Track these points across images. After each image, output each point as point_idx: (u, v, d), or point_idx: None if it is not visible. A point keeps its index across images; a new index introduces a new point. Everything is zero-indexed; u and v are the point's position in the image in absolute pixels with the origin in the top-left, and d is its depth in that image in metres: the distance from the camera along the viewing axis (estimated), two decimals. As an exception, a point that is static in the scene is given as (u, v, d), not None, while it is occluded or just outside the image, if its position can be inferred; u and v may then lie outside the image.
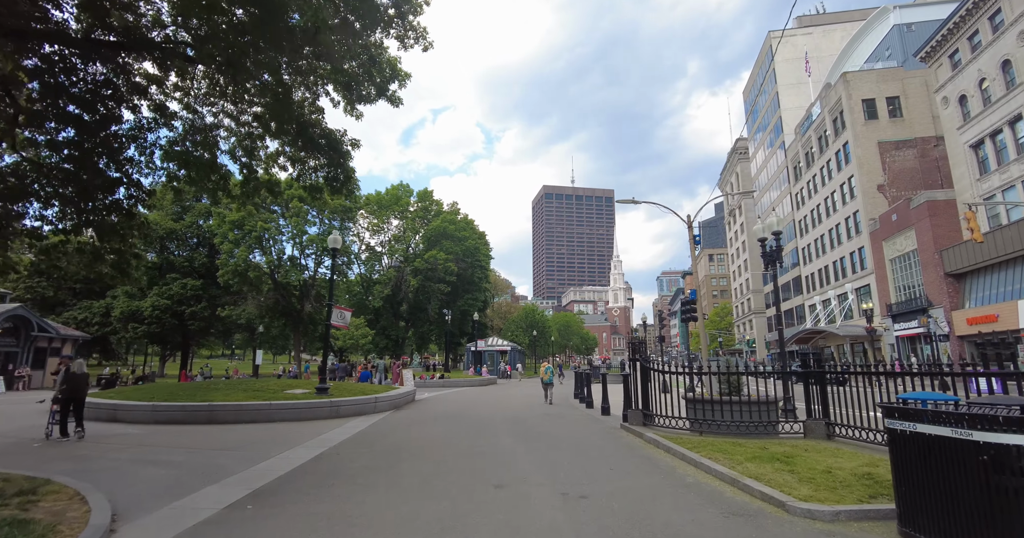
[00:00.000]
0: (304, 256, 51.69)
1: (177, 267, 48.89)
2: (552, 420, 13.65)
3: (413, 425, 12.43)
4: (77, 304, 49.72)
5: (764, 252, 14.35)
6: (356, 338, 41.01)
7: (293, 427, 12.17)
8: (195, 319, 46.41)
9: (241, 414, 12.89)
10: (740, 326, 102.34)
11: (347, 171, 11.64)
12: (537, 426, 12.26)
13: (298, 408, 13.42)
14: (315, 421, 13.32)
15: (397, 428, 11.86)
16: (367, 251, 56.66)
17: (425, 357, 77.80)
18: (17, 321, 35.21)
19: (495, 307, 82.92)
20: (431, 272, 51.89)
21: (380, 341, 52.82)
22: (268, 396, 14.39)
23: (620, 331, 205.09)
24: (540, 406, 17.89)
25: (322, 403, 13.83)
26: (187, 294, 46.44)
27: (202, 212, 49.63)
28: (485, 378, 37.12)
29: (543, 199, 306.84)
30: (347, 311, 16.76)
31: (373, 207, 55.48)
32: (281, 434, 10.92)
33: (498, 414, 14.90)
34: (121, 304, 46.17)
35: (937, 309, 36.11)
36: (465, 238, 55.71)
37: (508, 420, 13.40)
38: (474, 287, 57.14)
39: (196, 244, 51.88)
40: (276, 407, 13.16)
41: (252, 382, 17.02)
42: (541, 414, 15.21)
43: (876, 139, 46.60)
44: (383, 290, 51.93)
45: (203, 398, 13.75)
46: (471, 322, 53.47)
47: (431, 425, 12.60)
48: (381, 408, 15.55)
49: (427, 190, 56.99)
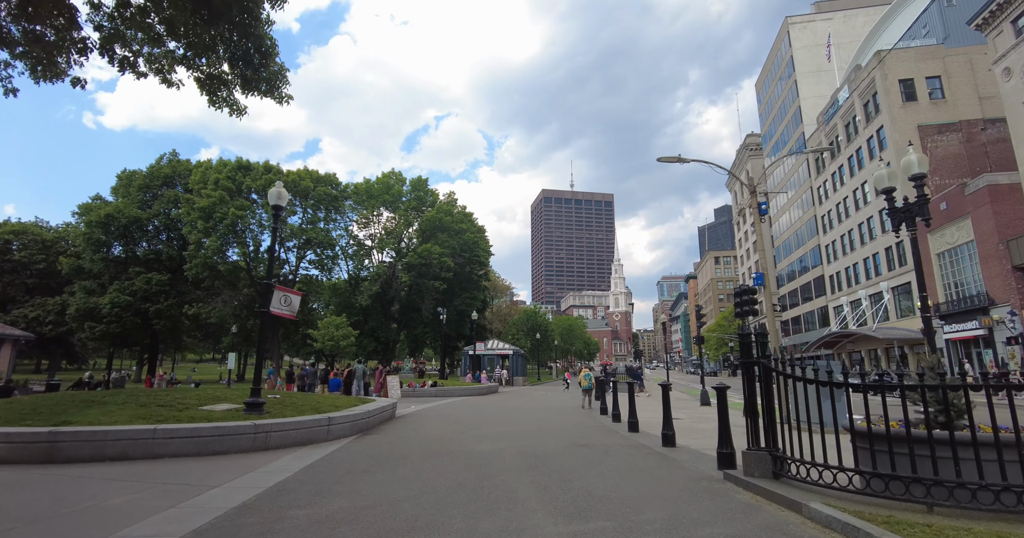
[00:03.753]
0: (284, 249, 46.98)
1: (142, 260, 44.05)
2: (593, 457, 8.95)
3: (371, 470, 7.69)
4: (29, 301, 44.80)
5: (895, 208, 9.63)
6: (337, 339, 36.19)
7: (173, 470, 7.48)
8: (160, 318, 41.51)
9: (105, 447, 8.18)
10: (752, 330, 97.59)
11: (263, 44, 6.93)
12: (575, 474, 7.54)
13: (201, 437, 8.70)
14: (225, 456, 8.62)
15: (342, 478, 7.13)
16: (355, 245, 51.91)
17: (421, 362, 72.79)
18: (-59, 318, 30.21)
19: (494, 309, 78.13)
20: (425, 268, 47.15)
21: (368, 344, 47.96)
22: (167, 416, 9.67)
23: (621, 336, 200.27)
24: (564, 428, 13.21)
25: (241, 428, 9.10)
26: (152, 290, 41.59)
27: (171, 200, 44.86)
28: (485, 386, 32.34)
29: (542, 203, 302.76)
30: (294, 295, 12.06)
31: (362, 196, 50.79)
32: (102, 496, 6.19)
33: (508, 445, 10.15)
34: (77, 301, 41.29)
35: (1001, 307, 31.54)
36: (463, 231, 51.01)
37: (524, 459, 8.67)
38: (472, 285, 52.40)
39: (163, 235, 47.01)
40: (164, 435, 8.43)
41: (163, 394, 12.27)
42: (569, 444, 10.50)
43: (915, 123, 42.20)
44: (372, 287, 47.15)
45: (58, 420, 9.02)
46: (469, 323, 48.72)
47: (401, 468, 7.86)
48: (337, 433, 10.82)
49: (421, 178, 52.29)
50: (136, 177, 46.24)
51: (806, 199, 64.20)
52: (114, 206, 43.54)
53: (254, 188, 44.47)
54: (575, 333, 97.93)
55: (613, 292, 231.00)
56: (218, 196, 41.19)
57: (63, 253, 46.49)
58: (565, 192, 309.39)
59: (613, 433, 12.07)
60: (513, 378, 45.80)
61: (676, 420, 15.26)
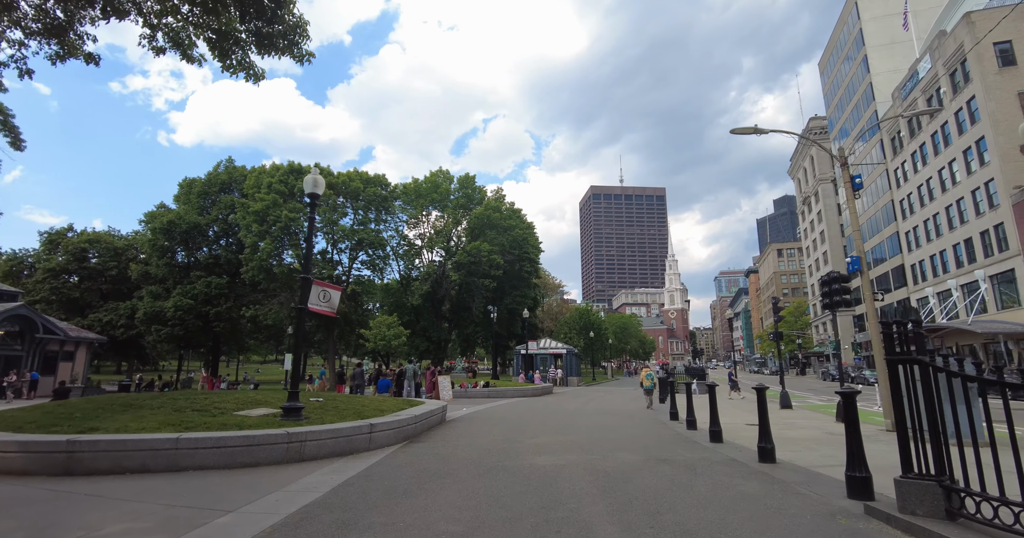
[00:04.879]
0: (336, 250, 47.32)
1: (202, 264, 45.39)
2: (679, 478, 7.43)
3: (412, 492, 6.47)
4: (104, 306, 47.07)
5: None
6: (388, 339, 35.77)
7: (191, 487, 6.53)
8: (220, 320, 42.58)
9: (124, 458, 7.37)
10: (819, 326, 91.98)
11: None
12: (662, 503, 6.06)
13: (227, 447, 7.77)
14: (253, 470, 7.66)
15: (377, 503, 5.94)
16: (405, 245, 51.73)
17: (473, 361, 72.24)
18: (20, 322, 31.83)
19: (545, 307, 76.68)
20: (474, 266, 46.29)
21: (420, 343, 47.61)
22: (198, 422, 8.87)
23: (677, 334, 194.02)
24: (633, 437, 11.70)
25: (272, 437, 8.13)
26: (212, 293, 42.73)
27: (228, 205, 46.00)
28: (539, 387, 30.98)
29: (591, 200, 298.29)
30: (333, 290, 11.10)
31: (410, 196, 50.53)
32: (97, 523, 5.23)
33: (572, 459, 8.74)
34: (145, 305, 42.95)
35: None
36: (511, 227, 49.84)
37: (595, 478, 7.24)
38: (522, 283, 51.15)
39: (221, 240, 48.30)
40: (187, 445, 7.55)
41: (202, 397, 11.61)
42: (645, 459, 8.99)
43: (1015, 90, 37.64)
44: (422, 286, 46.71)
45: (86, 426, 8.36)
46: (520, 322, 47.51)
47: (447, 489, 6.61)
48: (381, 441, 9.74)
49: (468, 175, 51.51)
50: (195, 184, 47.80)
51: (881, 183, 59.15)
52: (175, 213, 45.11)
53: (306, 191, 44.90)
54: (630, 331, 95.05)
55: (668, 289, 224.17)
56: (271, 199, 41.80)
57: (132, 260, 48.69)
58: (614, 188, 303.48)
59: (692, 444, 10.41)
60: (567, 378, 44.21)
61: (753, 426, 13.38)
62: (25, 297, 48.87)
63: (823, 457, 8.90)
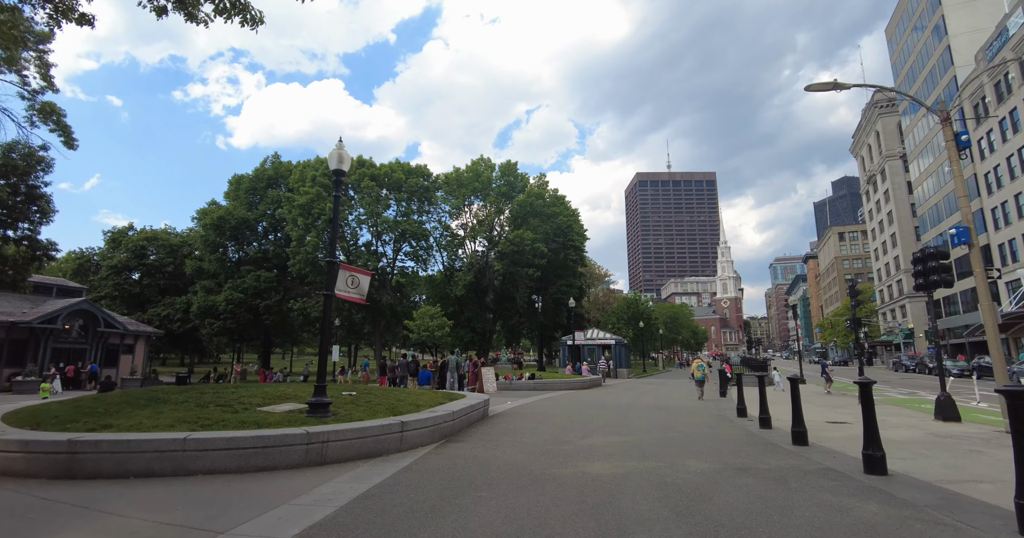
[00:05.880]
0: (381, 242, 47.23)
1: (252, 259, 46.26)
2: (770, 495, 6.04)
3: (440, 509, 5.36)
4: (161, 300, 48.81)
5: None
6: (432, 329, 35.19)
7: (190, 497, 5.67)
8: (269, 313, 43.27)
9: (128, 460, 6.62)
10: (886, 313, 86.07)
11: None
12: (760, 534, 4.68)
13: (240, 448, 6.91)
14: (268, 474, 6.78)
15: (396, 523, 4.86)
16: (448, 235, 51.13)
17: (519, 352, 71.35)
18: (84, 316, 33.00)
19: (591, 298, 74.78)
20: (518, 255, 45.14)
21: (465, 335, 47.02)
22: (216, 419, 8.11)
23: (730, 324, 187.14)
24: (700, 438, 10.29)
25: (289, 437, 7.22)
26: (261, 287, 43.45)
27: (274, 200, 46.60)
28: (587, 379, 29.61)
29: (637, 187, 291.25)
30: (362, 275, 10.14)
31: (452, 186, 49.79)
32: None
33: (633, 466, 7.43)
34: (199, 299, 44.17)
35: None
36: (555, 215, 48.33)
37: (664, 494, 5.93)
38: (567, 271, 49.64)
39: (270, 235, 49.07)
40: (195, 447, 6.73)
41: (230, 391, 10.97)
42: (721, 467, 7.59)
43: None
44: (465, 277, 45.99)
45: (101, 422, 7.73)
46: (566, 312, 46.10)
47: (482, 506, 5.49)
48: (413, 441, 8.74)
49: (510, 163, 50.19)
50: (244, 181, 48.70)
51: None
52: (225, 209, 46.08)
53: (348, 183, 45.02)
54: (681, 321, 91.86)
55: (720, 277, 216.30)
56: (315, 192, 41.95)
57: (187, 256, 50.30)
58: (661, 174, 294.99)
59: (773, 448, 8.88)
60: (616, 370, 42.57)
61: (837, 424, 11.63)
62: (92, 293, 51.40)
63: (946, 468, 7.24)
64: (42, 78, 24.64)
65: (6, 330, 29.87)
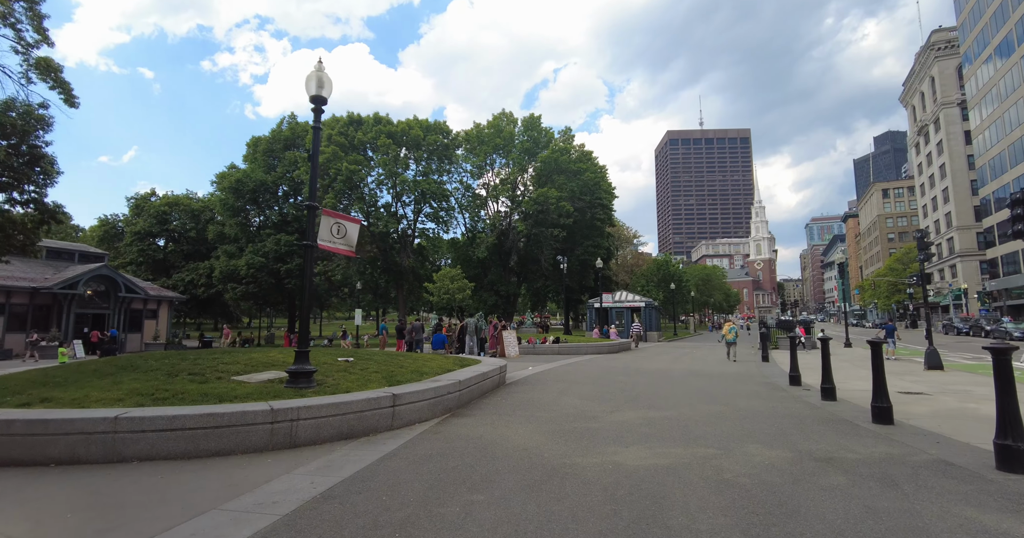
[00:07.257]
0: (400, 203, 45.79)
1: (272, 223, 45.51)
2: (880, 504, 4.42)
3: (416, 519, 3.91)
4: (186, 266, 48.80)
5: None
6: (452, 292, 33.93)
7: (97, 498, 4.39)
8: (291, 277, 42.72)
9: (48, 444, 5.37)
10: (934, 273, 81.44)
11: None
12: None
13: (186, 429, 5.57)
14: (221, 460, 5.47)
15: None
16: (469, 196, 49.31)
17: (545, 316, 70.14)
18: (104, 281, 32.80)
19: (619, 260, 72.50)
20: (542, 215, 43.15)
21: (488, 298, 45.79)
22: (175, 391, 6.82)
23: (764, 286, 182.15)
24: (756, 414, 8.66)
25: (249, 415, 5.85)
26: (282, 250, 42.75)
27: (292, 161, 45.33)
28: (616, 342, 28.06)
29: (667, 146, 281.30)
30: (350, 222, 8.61)
31: (473, 143, 47.60)
32: None
33: (678, 454, 5.84)
34: (221, 264, 43.85)
35: None
36: (582, 171, 45.86)
37: (729, 501, 4.33)
38: (595, 231, 47.49)
39: (290, 198, 48.06)
40: (129, 427, 5.42)
41: (209, 357, 9.75)
42: (795, 456, 5.99)
43: None
44: (488, 238, 44.36)
45: (43, 395, 6.52)
46: (592, 274, 44.30)
47: (475, 516, 4.02)
48: (408, 417, 7.33)
49: (533, 116, 47.54)
50: (260, 142, 47.47)
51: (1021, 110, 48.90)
52: (243, 172, 45.10)
53: (366, 142, 43.33)
54: (713, 284, 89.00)
55: (754, 238, 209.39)
56: (331, 152, 40.47)
57: (209, 221, 49.91)
58: (693, 132, 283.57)
59: (852, 427, 7.14)
60: (646, 333, 40.91)
61: (912, 395, 9.68)
62: (118, 259, 51.78)
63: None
64: (35, 30, 23.29)
65: (29, 295, 29.85)
